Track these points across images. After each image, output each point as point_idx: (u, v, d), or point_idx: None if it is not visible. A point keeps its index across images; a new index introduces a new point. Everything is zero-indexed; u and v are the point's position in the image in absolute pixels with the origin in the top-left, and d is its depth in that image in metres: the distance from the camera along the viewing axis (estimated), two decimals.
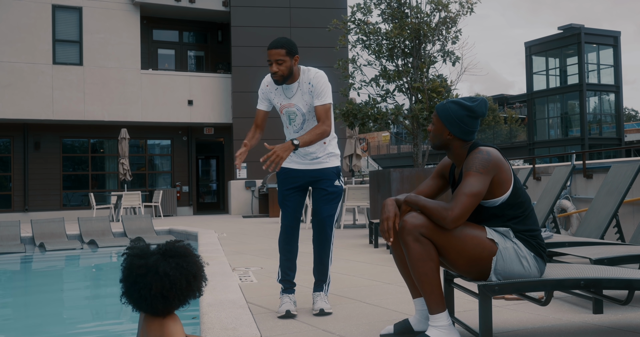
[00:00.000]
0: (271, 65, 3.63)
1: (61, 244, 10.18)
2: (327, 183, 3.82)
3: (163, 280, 2.16)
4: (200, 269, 2.29)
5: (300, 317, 3.61)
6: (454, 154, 3.01)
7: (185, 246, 2.33)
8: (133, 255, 2.24)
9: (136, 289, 2.18)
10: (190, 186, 20.63)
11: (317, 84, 3.70)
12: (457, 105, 2.94)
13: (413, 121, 8.87)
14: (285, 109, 3.78)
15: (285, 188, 3.84)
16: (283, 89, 3.76)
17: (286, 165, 3.85)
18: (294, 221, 3.81)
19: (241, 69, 19.21)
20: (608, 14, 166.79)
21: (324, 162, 3.84)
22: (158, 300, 2.17)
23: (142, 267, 2.18)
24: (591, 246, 4.25)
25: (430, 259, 2.78)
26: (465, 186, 2.77)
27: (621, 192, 5.18)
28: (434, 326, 2.80)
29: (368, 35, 9.15)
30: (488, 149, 2.87)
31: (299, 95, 3.74)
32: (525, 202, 2.90)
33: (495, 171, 2.82)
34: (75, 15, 18.46)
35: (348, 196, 11.15)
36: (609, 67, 34.79)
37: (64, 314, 5.60)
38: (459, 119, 2.92)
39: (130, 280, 2.19)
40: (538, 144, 35.54)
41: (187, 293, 2.23)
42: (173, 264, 2.21)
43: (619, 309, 3.54)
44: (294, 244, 3.83)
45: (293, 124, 3.82)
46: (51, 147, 18.97)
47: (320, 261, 3.84)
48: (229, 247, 8.06)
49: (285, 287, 3.81)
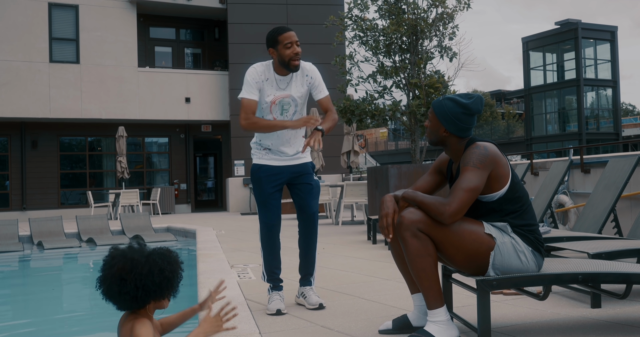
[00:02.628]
0: (293, 46, 3.62)
1: (59, 243, 10.18)
2: (310, 177, 3.84)
3: (124, 262, 2.21)
4: (172, 270, 2.28)
5: (298, 313, 3.61)
6: (450, 150, 3.01)
7: (171, 251, 2.35)
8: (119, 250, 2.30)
9: (102, 269, 2.24)
10: (188, 184, 20.61)
11: (316, 77, 3.79)
12: (452, 102, 2.94)
13: (410, 117, 8.87)
14: (279, 99, 3.73)
15: (270, 186, 3.74)
16: (276, 81, 3.72)
17: (263, 163, 3.78)
18: (278, 219, 3.78)
19: (238, 66, 19.18)
20: (603, 8, 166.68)
21: (303, 157, 3.85)
22: (116, 282, 2.19)
23: (116, 252, 2.26)
24: (589, 240, 4.25)
25: (428, 255, 2.78)
26: (463, 181, 2.77)
27: (619, 186, 5.19)
28: (432, 321, 2.80)
29: (365, 31, 9.14)
30: (485, 144, 2.87)
31: (294, 86, 3.75)
32: (523, 196, 2.90)
33: (492, 166, 2.82)
34: (72, 13, 18.42)
35: (346, 192, 11.15)
36: (606, 62, 34.81)
37: (63, 313, 5.60)
38: (454, 116, 2.92)
39: (103, 265, 2.27)
40: (536, 140, 35.57)
41: (147, 283, 2.21)
42: (145, 254, 2.25)
43: (617, 303, 3.54)
44: (278, 241, 3.84)
45: (285, 115, 3.77)
46: (49, 146, 18.94)
47: (310, 255, 3.86)
48: (227, 245, 8.06)
49: (274, 285, 3.80)
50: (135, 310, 2.30)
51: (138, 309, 2.30)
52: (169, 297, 2.33)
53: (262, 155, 3.81)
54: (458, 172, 2.93)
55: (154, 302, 2.30)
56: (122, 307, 2.30)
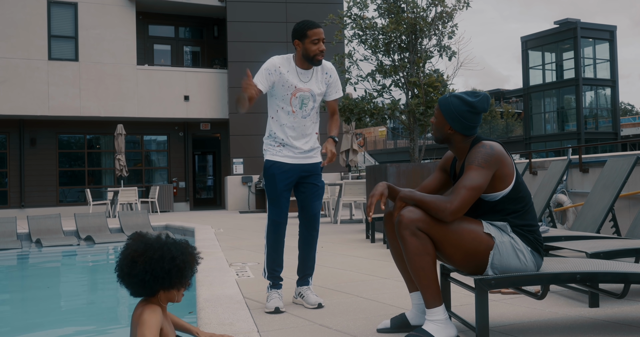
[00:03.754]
0: (320, 43, 3.67)
1: (58, 240, 10.17)
2: (318, 178, 3.83)
3: (139, 245, 2.29)
4: (185, 260, 2.32)
5: (296, 312, 3.61)
6: (455, 147, 3.01)
7: (190, 245, 2.41)
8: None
9: (121, 251, 2.33)
10: (186, 182, 20.61)
11: (335, 76, 3.89)
12: (459, 100, 2.93)
13: (409, 116, 8.87)
14: (299, 92, 3.73)
15: (283, 184, 3.72)
16: (298, 73, 3.74)
17: (277, 159, 3.75)
18: (285, 218, 3.78)
19: (237, 64, 19.17)
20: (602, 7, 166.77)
21: (314, 157, 3.84)
22: (127, 264, 2.26)
23: (136, 236, 2.36)
24: (587, 240, 4.26)
25: (427, 253, 2.77)
26: (466, 179, 2.77)
27: (617, 186, 5.19)
28: (430, 320, 2.80)
29: (364, 30, 9.14)
30: (491, 144, 2.87)
31: (314, 82, 3.78)
32: (525, 197, 2.90)
33: (497, 166, 2.81)
34: (71, 11, 18.39)
35: (345, 191, 11.15)
36: (605, 61, 34.83)
37: (61, 310, 5.60)
38: (459, 114, 2.92)
39: (123, 247, 2.34)
40: (534, 139, 35.59)
41: (155, 269, 2.25)
42: (162, 242, 2.31)
43: (615, 303, 3.55)
44: (283, 239, 3.83)
45: (304, 109, 3.75)
46: (47, 143, 18.92)
47: (310, 256, 3.87)
48: (226, 243, 8.05)
49: (274, 283, 3.80)
50: (148, 298, 2.34)
51: (149, 297, 2.33)
52: (179, 288, 2.35)
53: (276, 152, 3.77)
54: (462, 170, 2.93)
55: (164, 291, 2.32)
56: (133, 293, 2.34)
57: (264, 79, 3.66)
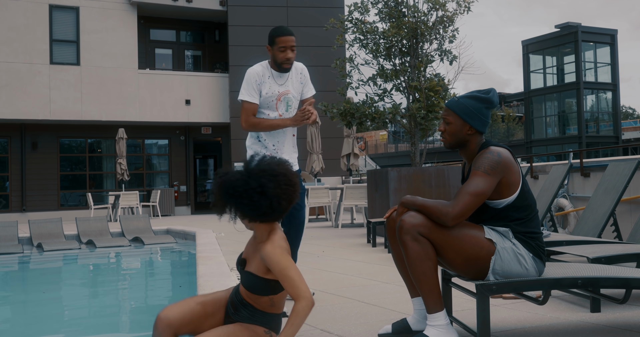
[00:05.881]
0: (286, 51, 3.72)
1: (59, 245, 10.17)
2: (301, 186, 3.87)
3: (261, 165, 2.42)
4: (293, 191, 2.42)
5: None
6: (468, 150, 2.98)
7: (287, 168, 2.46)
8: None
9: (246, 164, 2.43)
10: (188, 186, 20.61)
11: (307, 75, 4.00)
12: (472, 99, 2.93)
13: (410, 120, 8.87)
14: (283, 96, 3.84)
15: None
16: (274, 76, 3.82)
17: None
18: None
19: (238, 68, 19.19)
20: (601, 11, 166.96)
21: (295, 165, 3.90)
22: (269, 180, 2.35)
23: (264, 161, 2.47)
24: (589, 244, 4.25)
25: (428, 259, 2.77)
26: (470, 185, 2.77)
27: (618, 190, 5.19)
28: (432, 325, 2.80)
29: (365, 34, 9.15)
30: (499, 150, 2.85)
31: (291, 83, 3.88)
32: (531, 205, 2.88)
33: (503, 173, 2.80)
34: (72, 15, 18.44)
35: (346, 195, 11.15)
36: (606, 65, 34.85)
37: (63, 315, 5.59)
38: (479, 112, 2.92)
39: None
40: (535, 143, 35.59)
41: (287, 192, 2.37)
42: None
43: (617, 308, 3.54)
44: None
45: (290, 111, 3.87)
46: (48, 147, 18.94)
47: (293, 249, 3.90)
48: (227, 247, 8.05)
49: None
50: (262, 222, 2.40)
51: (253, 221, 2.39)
52: (278, 215, 2.40)
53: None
54: (469, 174, 2.92)
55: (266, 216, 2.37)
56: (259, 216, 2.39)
57: (253, 91, 3.77)
